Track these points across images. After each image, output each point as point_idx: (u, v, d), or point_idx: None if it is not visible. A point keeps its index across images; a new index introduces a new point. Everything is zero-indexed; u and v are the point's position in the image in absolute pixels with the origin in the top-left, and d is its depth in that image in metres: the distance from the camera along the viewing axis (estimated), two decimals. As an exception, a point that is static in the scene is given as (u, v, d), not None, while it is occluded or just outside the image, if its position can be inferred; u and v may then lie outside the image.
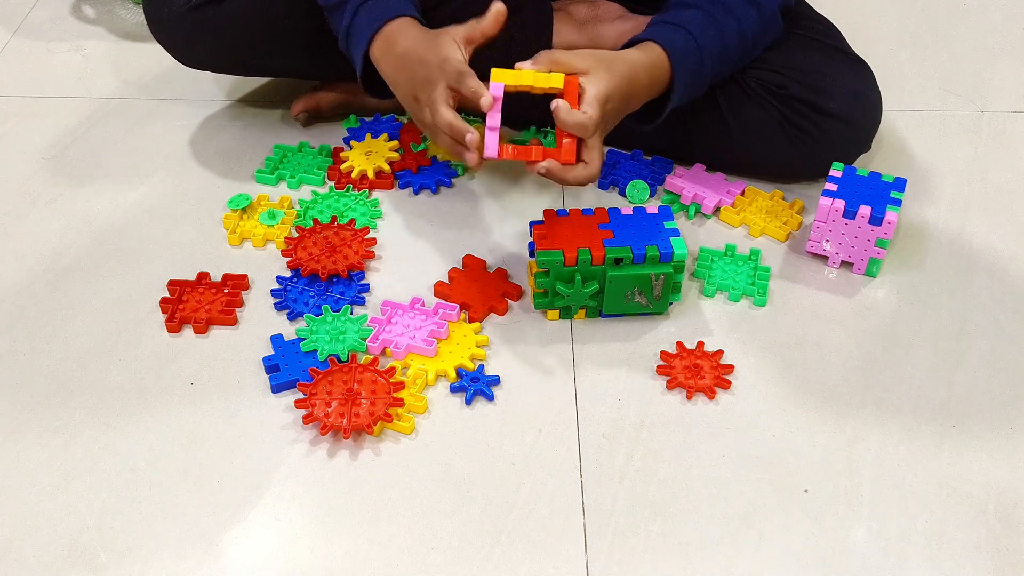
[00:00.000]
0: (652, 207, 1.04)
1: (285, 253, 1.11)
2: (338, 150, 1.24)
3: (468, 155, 0.95)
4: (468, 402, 0.97)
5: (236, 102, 1.34)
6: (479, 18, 1.00)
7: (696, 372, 0.99)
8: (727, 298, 1.07)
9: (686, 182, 1.18)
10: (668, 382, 0.98)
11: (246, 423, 0.95)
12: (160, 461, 0.92)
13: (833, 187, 1.08)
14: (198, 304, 1.05)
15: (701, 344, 1.01)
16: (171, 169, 1.24)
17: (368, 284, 1.08)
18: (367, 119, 1.29)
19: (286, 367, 0.99)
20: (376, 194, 1.20)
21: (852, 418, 0.96)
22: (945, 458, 0.93)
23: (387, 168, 1.21)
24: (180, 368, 1.00)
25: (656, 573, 0.84)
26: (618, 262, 0.99)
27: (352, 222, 1.14)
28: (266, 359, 0.99)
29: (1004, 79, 1.41)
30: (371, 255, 1.11)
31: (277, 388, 0.97)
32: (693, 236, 1.15)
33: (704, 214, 1.17)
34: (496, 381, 0.99)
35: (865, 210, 1.05)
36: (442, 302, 1.04)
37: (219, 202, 1.18)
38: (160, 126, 1.30)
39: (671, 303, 1.05)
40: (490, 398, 0.97)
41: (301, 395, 0.96)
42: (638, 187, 1.18)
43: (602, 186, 1.20)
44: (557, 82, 0.94)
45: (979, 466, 0.92)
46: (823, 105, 1.12)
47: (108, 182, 1.22)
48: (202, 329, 1.03)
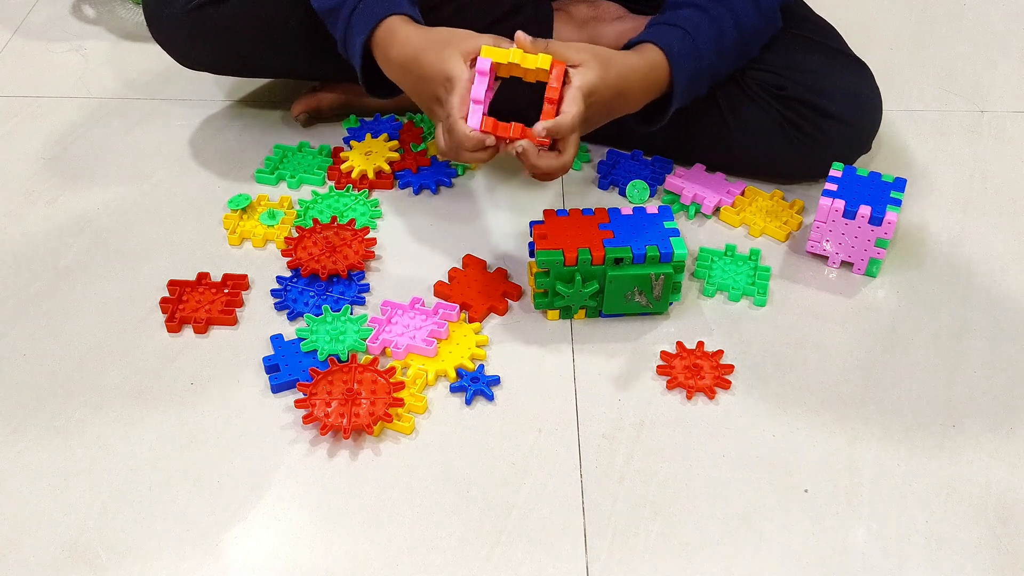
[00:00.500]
0: (652, 207, 1.04)
1: (285, 253, 1.11)
2: (338, 150, 1.25)
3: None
4: (468, 402, 0.97)
5: (236, 102, 1.34)
6: (496, 37, 0.97)
7: (696, 372, 0.99)
8: (727, 298, 1.07)
9: (686, 182, 1.18)
10: (668, 382, 0.98)
11: (246, 423, 0.95)
12: (160, 461, 0.92)
13: (833, 187, 1.08)
14: (198, 304, 1.05)
15: (701, 344, 1.01)
16: (171, 169, 1.24)
17: (368, 284, 1.08)
18: (367, 119, 1.29)
19: (286, 367, 0.99)
20: (376, 194, 1.20)
21: (852, 418, 0.96)
22: (945, 458, 0.93)
23: (387, 168, 1.21)
24: (180, 368, 1.00)
25: (656, 573, 0.84)
26: (618, 262, 0.99)
27: (352, 222, 1.14)
28: (266, 359, 0.99)
29: (1004, 79, 1.41)
30: (371, 255, 1.11)
31: (277, 388, 0.97)
32: (693, 236, 1.15)
33: (704, 214, 1.17)
34: (496, 381, 0.99)
35: (865, 210, 1.05)
36: (442, 302, 1.04)
37: (219, 202, 1.18)
38: (160, 126, 1.30)
39: (671, 303, 1.05)
40: (490, 398, 0.97)
41: (301, 395, 0.96)
42: (638, 187, 1.18)
43: (602, 186, 1.20)
44: (544, 63, 0.93)
45: (979, 466, 0.92)
46: (823, 106, 1.12)
47: (108, 182, 1.22)
48: (202, 329, 1.03)
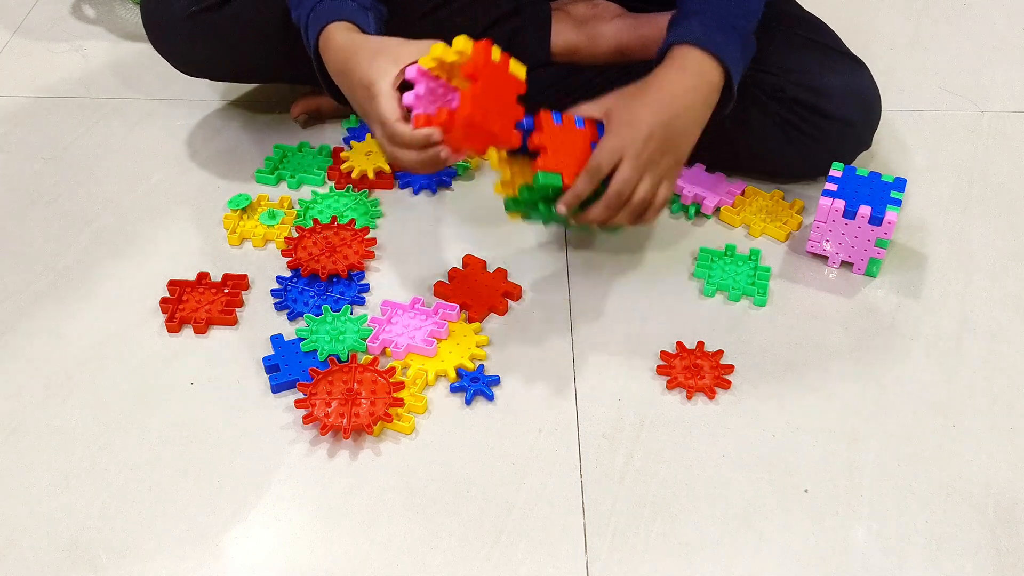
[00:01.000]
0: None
1: (285, 253, 1.11)
2: (338, 150, 1.25)
3: (441, 153, 0.93)
4: (468, 402, 0.97)
5: (236, 103, 1.34)
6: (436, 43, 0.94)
7: (696, 372, 0.99)
8: (727, 298, 1.07)
9: (686, 182, 1.18)
10: (668, 382, 0.98)
11: (246, 423, 0.95)
12: (160, 461, 0.92)
13: (833, 187, 1.08)
14: (198, 304, 1.05)
15: (701, 344, 1.01)
16: (171, 169, 1.24)
17: (368, 284, 1.08)
18: (367, 119, 1.29)
19: (286, 367, 0.99)
20: (376, 194, 1.20)
21: (852, 418, 0.96)
22: (945, 458, 0.93)
23: (387, 168, 1.21)
24: (180, 368, 1.00)
25: (656, 573, 0.84)
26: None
27: (352, 222, 1.14)
28: (266, 359, 0.99)
29: (1004, 79, 1.41)
30: (371, 255, 1.11)
31: (277, 388, 0.97)
32: (693, 236, 1.15)
33: (704, 214, 1.17)
34: (496, 381, 0.99)
35: (865, 210, 1.05)
36: (442, 302, 1.04)
37: (219, 202, 1.18)
38: (160, 126, 1.30)
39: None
40: (490, 398, 0.97)
41: (301, 395, 0.96)
42: (638, 187, 1.18)
43: (602, 186, 1.20)
44: (464, 46, 0.89)
45: (979, 466, 0.92)
46: (821, 106, 1.12)
47: (108, 182, 1.22)
48: (202, 329, 1.03)
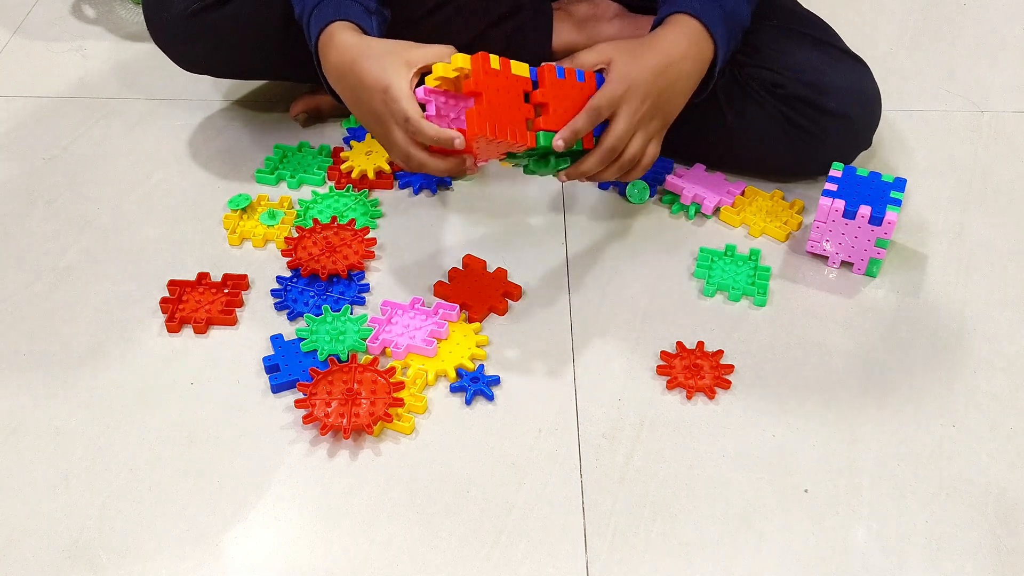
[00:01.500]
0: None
1: (285, 253, 1.11)
2: (338, 150, 1.25)
3: (467, 161, 0.95)
4: (468, 402, 0.97)
5: (236, 102, 1.34)
6: (444, 48, 0.96)
7: (696, 372, 0.99)
8: (727, 298, 1.07)
9: (686, 182, 1.18)
10: (668, 382, 0.98)
11: (246, 423, 0.95)
12: (160, 461, 0.92)
13: (833, 187, 1.08)
14: (198, 304, 1.05)
15: (701, 344, 1.01)
16: (171, 169, 1.24)
17: (368, 284, 1.08)
18: (367, 119, 1.29)
19: (286, 367, 0.99)
20: (376, 194, 1.20)
21: (852, 418, 0.96)
22: (945, 458, 0.93)
23: (387, 168, 1.21)
24: (180, 368, 1.00)
25: (656, 573, 0.84)
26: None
27: (352, 222, 1.14)
28: (266, 359, 0.99)
29: (1004, 79, 1.41)
30: (371, 255, 1.11)
31: (277, 388, 0.97)
32: (693, 236, 1.15)
33: (704, 214, 1.17)
34: (496, 381, 0.99)
35: (865, 210, 1.05)
36: (442, 302, 1.04)
37: (219, 202, 1.18)
38: (160, 126, 1.30)
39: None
40: (490, 398, 0.97)
41: (301, 395, 0.96)
42: (638, 187, 1.18)
43: (602, 186, 1.20)
44: (462, 63, 0.90)
45: (979, 466, 0.92)
46: (822, 103, 1.12)
47: (108, 182, 1.22)
48: (202, 329, 1.03)
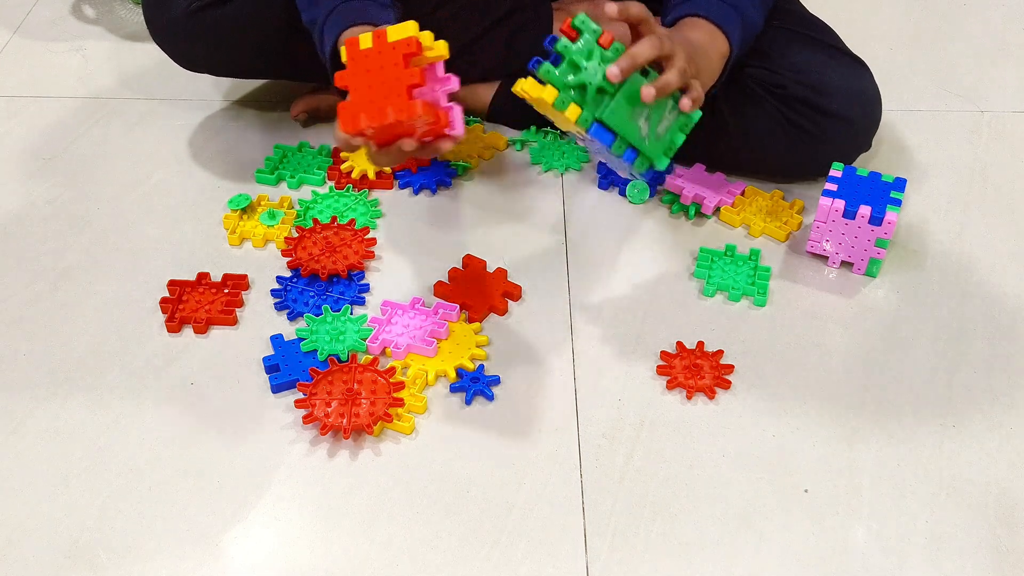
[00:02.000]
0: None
1: (285, 253, 1.11)
2: (338, 150, 1.24)
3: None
4: (468, 402, 0.97)
5: (236, 102, 1.34)
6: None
7: (696, 372, 0.99)
8: (727, 298, 1.07)
9: (686, 182, 1.18)
10: (668, 382, 0.98)
11: (246, 423, 0.95)
12: (160, 461, 0.92)
13: (833, 187, 1.08)
14: (198, 304, 1.05)
15: (701, 344, 1.01)
16: (171, 169, 1.24)
17: (368, 284, 1.08)
18: (367, 119, 1.29)
19: (286, 367, 0.99)
20: (376, 194, 1.20)
21: (852, 418, 0.96)
22: (945, 458, 0.93)
23: (387, 168, 1.21)
24: (180, 368, 1.00)
25: (656, 573, 0.84)
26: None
27: (352, 222, 1.14)
28: (266, 359, 0.99)
29: (1004, 79, 1.41)
30: (371, 255, 1.11)
31: (277, 388, 0.97)
32: (693, 236, 1.15)
33: (704, 214, 1.17)
34: (496, 381, 0.99)
35: (865, 210, 1.05)
36: (442, 302, 1.04)
37: (219, 202, 1.18)
38: (160, 126, 1.30)
39: (657, 171, 0.99)
40: (490, 398, 0.97)
41: (301, 395, 0.96)
42: (638, 187, 1.18)
43: (602, 186, 1.20)
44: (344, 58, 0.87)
45: (979, 466, 0.92)
46: (823, 104, 1.12)
47: (108, 182, 1.22)
48: (202, 329, 1.03)
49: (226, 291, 1.07)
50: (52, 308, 1.06)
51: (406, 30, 0.86)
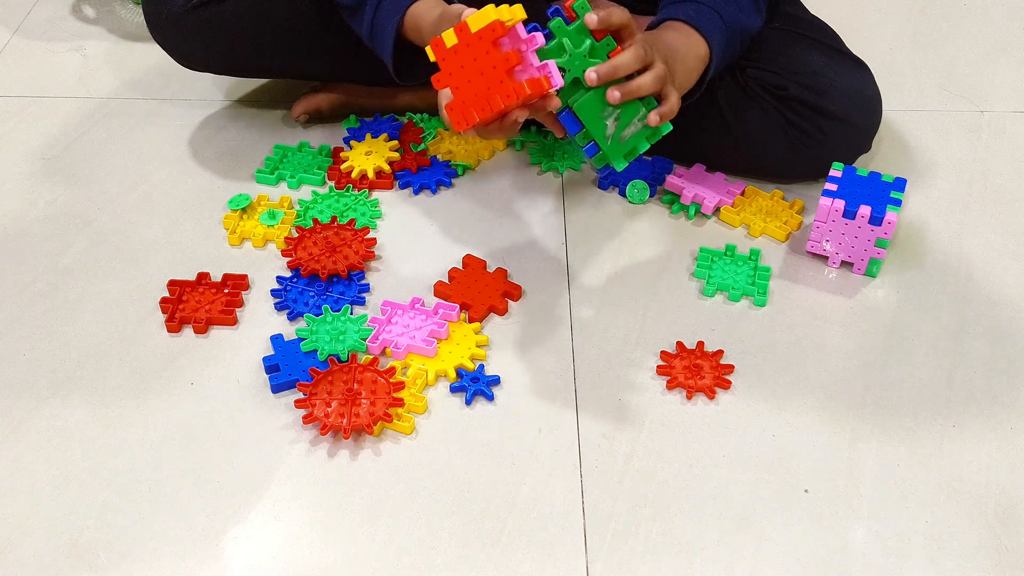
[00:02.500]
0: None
1: (285, 253, 1.11)
2: (338, 150, 1.25)
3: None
4: (468, 402, 0.97)
5: (236, 102, 1.34)
6: None
7: (696, 372, 0.99)
8: (727, 298, 1.07)
9: (686, 182, 1.18)
10: (668, 382, 0.98)
11: (246, 423, 0.95)
12: (160, 461, 0.92)
13: (833, 187, 1.08)
14: (198, 304, 1.05)
15: (701, 344, 1.01)
16: (171, 169, 1.24)
17: (368, 284, 1.08)
18: (367, 119, 1.29)
19: (286, 367, 0.99)
20: (376, 194, 1.20)
21: (852, 418, 0.96)
22: (945, 458, 0.93)
23: (387, 168, 1.21)
24: (180, 368, 1.00)
25: (656, 573, 0.84)
26: None
27: (352, 222, 1.14)
28: (266, 359, 0.99)
29: (1004, 79, 1.41)
30: (371, 255, 1.11)
31: (277, 388, 0.97)
32: (693, 236, 1.15)
33: (704, 214, 1.17)
34: (496, 381, 0.99)
35: (865, 210, 1.05)
36: (442, 302, 1.04)
37: (219, 202, 1.18)
38: (160, 126, 1.30)
39: (616, 166, 0.98)
40: (490, 398, 0.97)
41: (301, 395, 0.96)
42: (638, 187, 1.18)
43: (602, 186, 1.20)
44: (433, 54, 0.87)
45: (979, 466, 0.92)
46: (823, 106, 1.12)
47: (108, 182, 1.22)
48: (202, 329, 1.03)
49: (226, 291, 1.07)
50: (52, 308, 1.06)
51: (486, 16, 0.86)
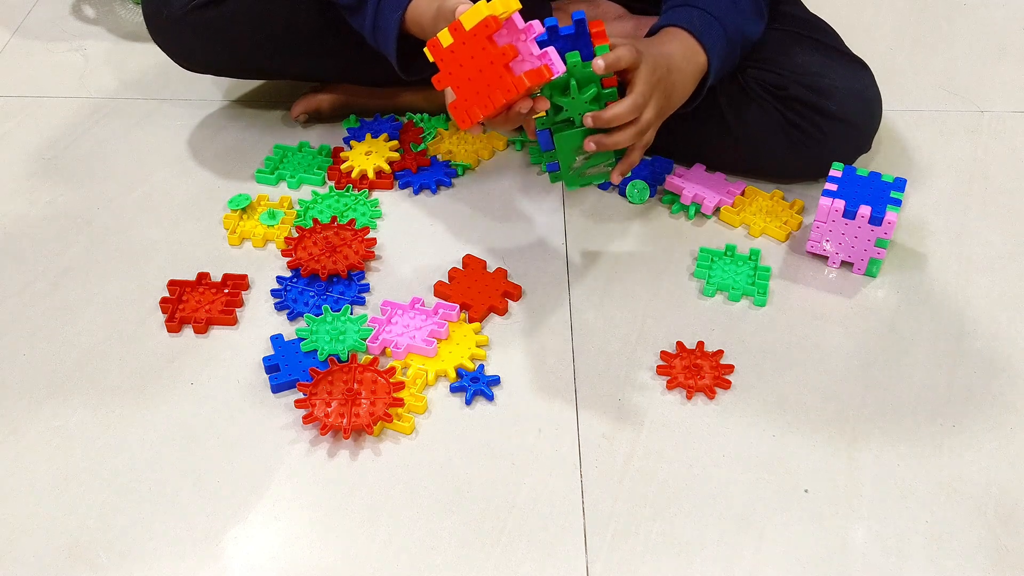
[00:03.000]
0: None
1: (285, 253, 1.11)
2: (338, 150, 1.25)
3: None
4: (468, 402, 0.97)
5: (236, 102, 1.34)
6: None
7: (696, 372, 0.99)
8: (727, 298, 1.07)
9: (686, 182, 1.18)
10: (668, 382, 0.98)
11: (246, 423, 0.95)
12: (160, 461, 0.92)
13: (833, 187, 1.08)
14: (198, 304, 1.05)
15: (701, 344, 1.01)
16: (171, 169, 1.24)
17: (368, 284, 1.08)
18: (367, 119, 1.29)
19: (286, 367, 0.99)
20: (376, 194, 1.20)
21: (852, 418, 0.96)
22: (945, 458, 0.93)
23: (387, 168, 1.21)
24: (180, 368, 1.00)
25: (656, 573, 0.84)
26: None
27: (352, 222, 1.14)
28: (266, 359, 0.99)
29: (1004, 79, 1.41)
30: (371, 255, 1.11)
31: (277, 388, 0.97)
32: (693, 236, 1.15)
33: (704, 214, 1.17)
34: (496, 381, 0.99)
35: (865, 210, 1.05)
36: (442, 302, 1.04)
37: (219, 202, 1.18)
38: (160, 126, 1.30)
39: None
40: (490, 398, 0.97)
41: (301, 395, 0.96)
42: (638, 187, 1.18)
43: (602, 186, 1.20)
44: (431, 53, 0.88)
45: (979, 466, 0.92)
46: (823, 106, 1.12)
47: (108, 182, 1.22)
48: (202, 329, 1.03)
49: (226, 291, 1.07)
50: (52, 308, 1.06)
51: (479, 13, 0.86)
